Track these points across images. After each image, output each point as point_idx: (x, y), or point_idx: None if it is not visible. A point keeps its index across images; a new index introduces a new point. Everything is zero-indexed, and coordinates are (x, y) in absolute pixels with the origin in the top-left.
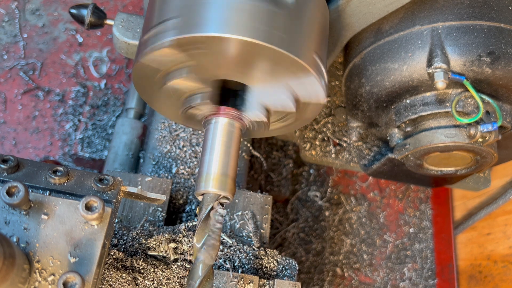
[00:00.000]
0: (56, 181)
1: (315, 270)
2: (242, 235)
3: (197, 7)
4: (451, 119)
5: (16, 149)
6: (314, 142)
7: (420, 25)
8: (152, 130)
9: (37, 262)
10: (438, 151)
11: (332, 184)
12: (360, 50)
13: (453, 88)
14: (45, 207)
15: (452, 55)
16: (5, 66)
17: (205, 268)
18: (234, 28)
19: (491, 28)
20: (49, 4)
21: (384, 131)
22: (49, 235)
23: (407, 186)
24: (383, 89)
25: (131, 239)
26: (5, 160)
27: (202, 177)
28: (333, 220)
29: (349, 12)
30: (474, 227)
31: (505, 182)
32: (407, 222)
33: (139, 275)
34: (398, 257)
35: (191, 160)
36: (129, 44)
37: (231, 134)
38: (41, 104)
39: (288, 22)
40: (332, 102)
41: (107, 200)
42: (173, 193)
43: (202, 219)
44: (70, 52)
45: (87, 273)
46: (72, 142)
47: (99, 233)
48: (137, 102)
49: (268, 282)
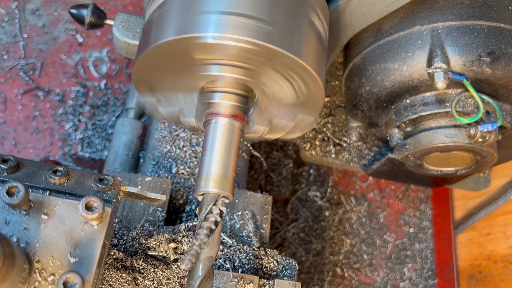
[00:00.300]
0: (56, 181)
1: (315, 270)
2: (242, 235)
3: (196, 6)
4: (451, 119)
5: (16, 149)
6: (314, 142)
7: (420, 25)
8: (152, 130)
9: (37, 262)
10: (438, 151)
11: (332, 184)
12: (360, 50)
13: (453, 88)
14: (45, 207)
15: (452, 55)
16: (5, 66)
17: (205, 268)
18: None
19: (491, 28)
20: (49, 4)
21: (384, 131)
22: (49, 235)
23: (407, 186)
24: (383, 89)
25: (131, 239)
26: (5, 160)
27: (202, 177)
28: (333, 220)
29: (349, 12)
30: (474, 227)
31: (505, 182)
32: (407, 222)
33: (139, 275)
34: (398, 257)
35: (191, 160)
36: (129, 44)
37: (231, 134)
38: (41, 104)
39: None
40: (332, 102)
41: (107, 200)
42: (173, 193)
43: (202, 219)
44: (70, 52)
45: (87, 273)
46: (72, 142)
47: (99, 233)
48: (137, 102)
49: (268, 282)
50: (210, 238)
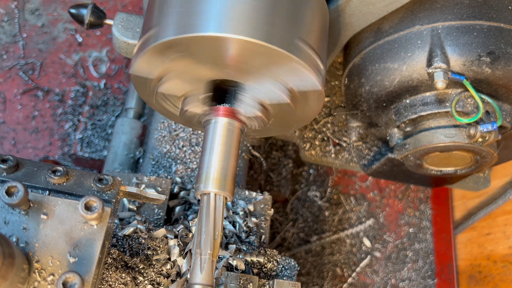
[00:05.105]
0: (56, 181)
1: (314, 270)
2: (241, 235)
3: (196, 6)
4: (451, 119)
5: (15, 149)
6: (313, 142)
7: (420, 25)
8: (151, 130)
9: (37, 262)
10: (438, 151)
11: (332, 184)
12: (360, 50)
13: (453, 88)
14: (44, 207)
15: (452, 55)
16: (5, 66)
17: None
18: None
19: (491, 28)
20: (48, 4)
21: (384, 131)
22: (48, 235)
23: (406, 186)
24: (383, 89)
25: (131, 239)
26: (5, 160)
27: (202, 177)
28: (332, 220)
29: (349, 12)
30: (474, 227)
31: (505, 182)
32: (407, 222)
33: (139, 275)
34: (398, 257)
35: (190, 160)
36: (128, 44)
37: (231, 134)
38: (40, 104)
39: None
40: (332, 102)
41: (106, 200)
42: (172, 193)
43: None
44: (70, 52)
45: (87, 273)
46: (72, 142)
47: (98, 233)
48: (137, 102)
49: (268, 282)
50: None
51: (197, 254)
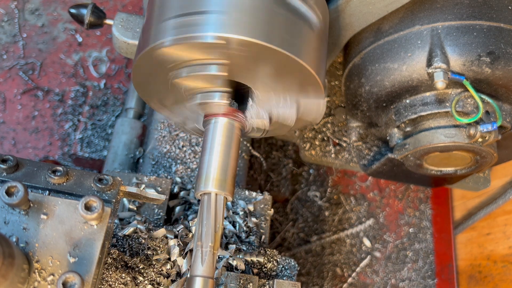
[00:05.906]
0: (56, 181)
1: (314, 270)
2: (241, 235)
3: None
4: (451, 119)
5: (15, 149)
6: (313, 142)
7: (420, 25)
8: (151, 130)
9: (37, 262)
10: (438, 151)
11: (332, 184)
12: (360, 50)
13: (453, 88)
14: (44, 207)
15: (452, 55)
16: (5, 66)
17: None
18: (234, 29)
19: (490, 28)
20: (48, 4)
21: (384, 131)
22: (48, 235)
23: (406, 186)
24: (383, 89)
25: (131, 239)
26: (5, 160)
27: (201, 177)
28: (332, 220)
29: (348, 12)
30: (474, 227)
31: (505, 182)
32: (407, 222)
33: (139, 275)
34: (398, 257)
35: (190, 160)
36: (128, 44)
37: (231, 134)
38: (40, 104)
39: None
40: (332, 102)
41: (106, 200)
42: (172, 193)
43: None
44: (70, 52)
45: (87, 273)
46: (72, 142)
47: (98, 233)
48: (137, 102)
49: (267, 282)
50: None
51: (198, 246)
